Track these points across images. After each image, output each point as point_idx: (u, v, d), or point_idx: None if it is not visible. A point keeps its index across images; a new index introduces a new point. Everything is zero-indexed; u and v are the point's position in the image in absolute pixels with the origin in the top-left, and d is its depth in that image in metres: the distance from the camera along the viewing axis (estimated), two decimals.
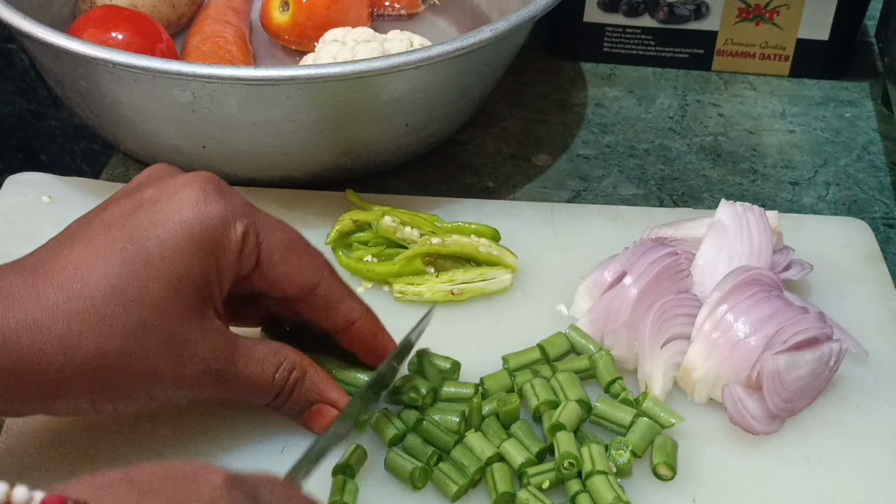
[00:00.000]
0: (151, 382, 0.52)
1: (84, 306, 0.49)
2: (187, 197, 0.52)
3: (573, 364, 0.61)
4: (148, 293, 0.50)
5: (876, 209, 0.79)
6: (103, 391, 0.51)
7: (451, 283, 0.67)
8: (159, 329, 0.51)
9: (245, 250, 0.53)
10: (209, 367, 0.53)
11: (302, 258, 0.55)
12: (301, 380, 0.56)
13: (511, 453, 0.56)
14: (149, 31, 0.81)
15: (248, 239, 0.53)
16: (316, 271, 0.55)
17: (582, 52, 0.93)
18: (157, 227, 0.51)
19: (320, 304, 0.56)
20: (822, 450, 0.59)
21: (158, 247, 0.51)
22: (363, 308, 0.57)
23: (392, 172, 0.78)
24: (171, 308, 0.51)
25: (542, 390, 0.59)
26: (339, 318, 0.57)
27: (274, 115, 0.68)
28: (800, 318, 0.60)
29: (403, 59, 0.67)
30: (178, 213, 0.51)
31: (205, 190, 0.52)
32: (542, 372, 0.60)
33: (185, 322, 0.51)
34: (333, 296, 0.56)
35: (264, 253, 0.54)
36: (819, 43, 0.90)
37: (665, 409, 0.59)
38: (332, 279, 0.56)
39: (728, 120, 0.87)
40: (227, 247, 0.52)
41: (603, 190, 0.80)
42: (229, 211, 0.52)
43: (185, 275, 0.51)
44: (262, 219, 0.54)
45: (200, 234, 0.51)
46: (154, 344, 0.51)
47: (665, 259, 0.63)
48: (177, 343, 0.51)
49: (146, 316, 0.50)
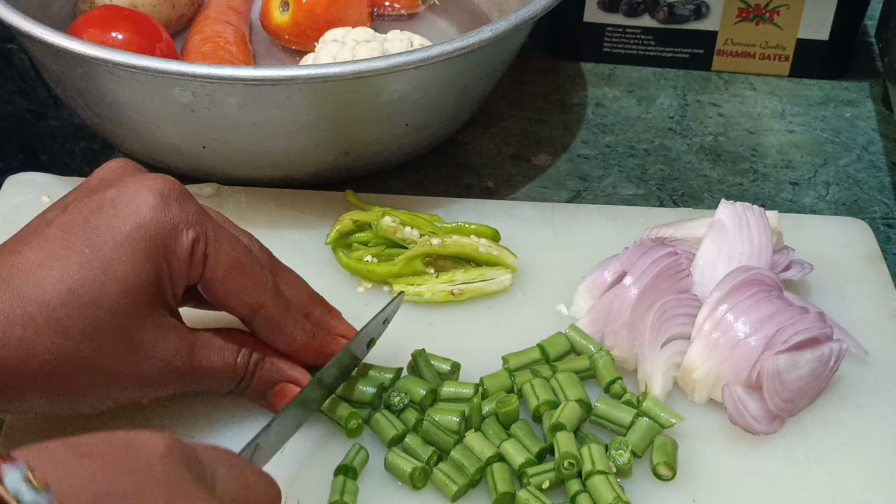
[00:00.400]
0: (110, 384, 0.52)
1: (39, 311, 0.50)
2: (145, 200, 0.52)
3: (573, 364, 0.61)
4: (104, 296, 0.51)
5: (876, 209, 0.79)
6: (60, 393, 0.51)
7: (452, 284, 0.67)
8: (116, 331, 0.51)
9: (193, 259, 0.53)
10: (170, 364, 0.53)
11: (246, 279, 0.55)
12: (261, 361, 0.56)
13: (511, 453, 0.56)
14: (149, 31, 0.81)
15: (197, 247, 0.53)
16: (258, 295, 0.55)
17: (582, 52, 0.93)
18: (114, 231, 0.51)
19: (263, 327, 0.56)
20: (822, 450, 0.59)
21: (115, 250, 0.51)
22: (307, 334, 0.57)
23: (392, 172, 0.78)
24: (127, 310, 0.51)
25: (541, 390, 0.59)
26: (284, 341, 0.57)
27: (274, 115, 0.68)
28: (800, 318, 0.60)
29: (403, 59, 0.67)
30: (136, 216, 0.52)
31: (162, 194, 0.53)
32: (542, 372, 0.60)
33: (142, 323, 0.52)
34: (274, 322, 0.56)
35: (209, 267, 0.54)
36: (819, 43, 0.90)
37: (665, 409, 0.59)
38: (274, 305, 0.56)
39: (728, 120, 0.87)
40: (178, 252, 0.53)
41: (603, 190, 0.80)
42: (183, 217, 0.53)
43: (141, 278, 0.51)
44: (215, 232, 0.54)
45: (155, 237, 0.52)
46: (111, 346, 0.51)
47: (665, 259, 0.63)
48: (134, 344, 0.52)
49: (103, 319, 0.51)
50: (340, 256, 0.68)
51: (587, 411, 0.58)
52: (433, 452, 0.56)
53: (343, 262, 0.68)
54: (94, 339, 0.50)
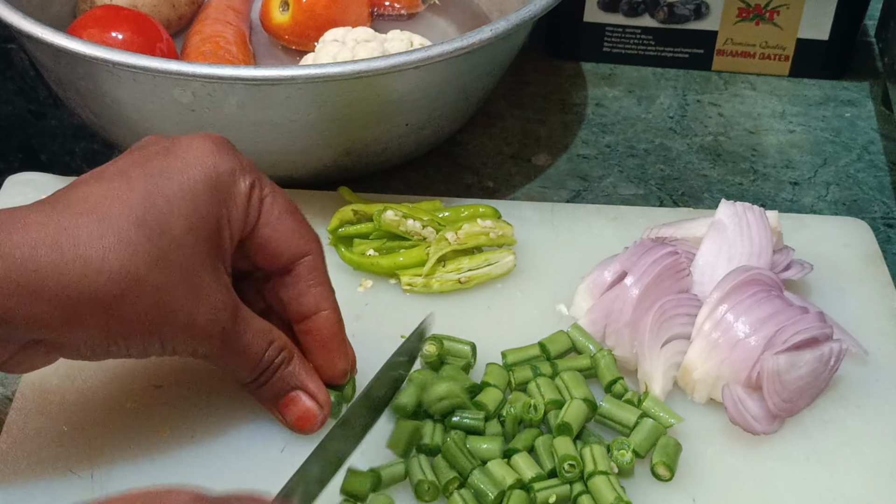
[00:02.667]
0: (166, 322, 0.51)
1: (108, 231, 0.49)
2: (200, 147, 0.53)
3: (575, 363, 0.61)
4: (170, 228, 0.51)
5: (876, 209, 0.79)
6: (119, 325, 0.50)
7: (458, 272, 0.67)
8: (179, 265, 0.51)
9: (251, 201, 0.54)
10: (218, 317, 0.53)
11: (299, 224, 0.56)
12: (287, 362, 0.56)
13: (521, 467, 0.56)
14: (149, 31, 0.81)
15: (255, 192, 0.54)
16: (309, 241, 0.56)
17: (582, 52, 0.93)
18: (174, 172, 0.52)
19: (301, 277, 0.56)
20: (822, 450, 0.59)
21: (178, 187, 0.52)
22: (334, 302, 0.57)
23: (392, 172, 0.78)
24: (190, 246, 0.51)
25: (547, 390, 0.59)
26: (311, 300, 0.57)
27: (274, 115, 0.68)
28: (800, 318, 0.60)
29: (403, 59, 0.67)
30: (194, 160, 0.53)
31: (216, 143, 0.54)
32: (542, 369, 0.60)
33: (202, 264, 0.52)
34: (315, 273, 0.56)
35: (265, 209, 0.55)
36: (819, 43, 0.90)
37: (665, 409, 0.59)
38: (320, 257, 0.57)
39: (728, 120, 0.87)
40: (236, 196, 0.53)
41: (603, 190, 0.80)
42: (238, 163, 0.54)
43: (203, 215, 0.52)
44: (267, 179, 0.56)
45: (215, 179, 0.53)
46: (174, 278, 0.51)
47: (666, 259, 0.63)
48: (194, 283, 0.52)
49: (168, 249, 0.50)
50: (342, 252, 0.68)
51: (592, 410, 0.58)
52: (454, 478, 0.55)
53: (346, 258, 0.68)
54: (160, 266, 0.50)
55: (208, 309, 0.52)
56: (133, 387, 0.60)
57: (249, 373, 0.56)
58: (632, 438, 0.57)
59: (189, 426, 0.58)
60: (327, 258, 0.68)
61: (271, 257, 0.56)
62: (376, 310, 0.65)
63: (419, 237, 0.68)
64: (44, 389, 0.60)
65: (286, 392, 0.56)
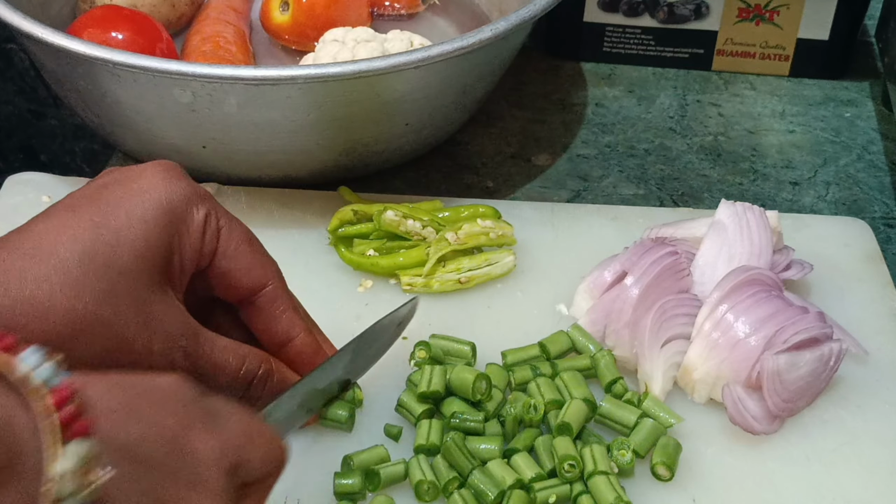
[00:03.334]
0: (122, 354, 0.51)
1: (54, 270, 0.49)
2: (152, 176, 0.52)
3: (574, 363, 0.61)
4: (117, 259, 0.50)
5: (876, 209, 0.79)
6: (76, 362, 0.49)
7: (458, 272, 0.67)
8: (129, 296, 0.50)
9: (207, 232, 0.53)
10: (176, 342, 0.52)
11: (256, 255, 0.55)
12: (270, 373, 0.55)
13: (521, 467, 0.56)
14: (149, 31, 0.81)
15: (210, 221, 0.53)
16: (267, 272, 0.55)
17: (582, 52, 0.93)
18: (123, 201, 0.51)
19: (265, 309, 0.56)
20: (822, 450, 0.59)
21: (126, 217, 0.51)
22: (304, 325, 0.57)
23: (392, 172, 0.78)
24: (139, 275, 0.50)
25: (547, 390, 0.59)
26: (280, 330, 0.56)
27: (274, 115, 0.68)
28: (800, 318, 0.60)
29: (403, 59, 0.67)
30: (145, 189, 0.52)
31: (169, 171, 0.53)
32: (542, 369, 0.60)
33: (153, 292, 0.51)
34: (278, 303, 0.56)
35: (223, 240, 0.54)
36: (819, 43, 0.90)
37: (665, 409, 0.59)
38: (280, 286, 0.56)
39: (728, 120, 0.87)
40: (190, 224, 0.52)
41: (603, 190, 0.80)
42: (192, 191, 0.53)
43: (153, 244, 0.51)
44: (223, 209, 0.55)
45: (166, 207, 0.52)
46: (124, 310, 0.50)
47: (666, 258, 0.63)
48: (145, 312, 0.51)
49: (116, 282, 0.50)
50: (343, 252, 0.68)
51: (592, 410, 0.58)
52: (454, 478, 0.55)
53: (346, 258, 0.68)
54: (108, 301, 0.49)
55: (163, 337, 0.51)
56: None
57: (233, 391, 0.55)
58: (632, 438, 0.57)
59: None
60: (327, 258, 0.69)
61: (231, 289, 0.55)
62: (376, 310, 0.65)
63: (419, 237, 0.68)
64: None
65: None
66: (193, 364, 0.53)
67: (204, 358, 0.53)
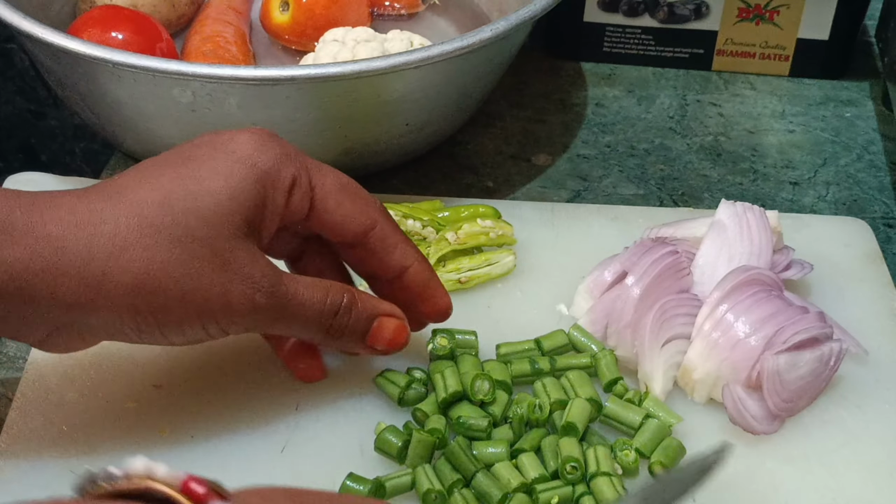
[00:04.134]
0: (199, 304, 0.51)
1: (132, 212, 0.50)
2: (243, 138, 0.54)
3: (575, 361, 0.61)
4: (198, 207, 0.51)
5: (876, 209, 0.79)
6: (148, 310, 0.51)
7: (458, 272, 0.67)
8: (208, 243, 0.51)
9: (295, 193, 0.54)
10: (256, 286, 0.52)
11: (356, 201, 0.56)
12: (354, 300, 0.56)
13: (526, 467, 0.56)
14: (149, 31, 0.81)
15: (300, 182, 0.54)
16: (371, 214, 0.56)
17: (582, 52, 0.93)
18: (211, 159, 0.53)
19: (376, 248, 0.57)
20: (822, 450, 0.59)
21: (211, 170, 0.52)
22: (417, 254, 0.58)
23: (392, 172, 0.78)
24: (220, 224, 0.51)
25: (553, 389, 0.59)
26: (394, 263, 0.57)
27: (274, 115, 0.68)
28: (800, 318, 0.60)
29: (403, 59, 0.67)
30: (234, 150, 0.53)
31: (261, 135, 0.54)
32: (541, 364, 0.60)
33: (232, 241, 0.52)
34: (388, 239, 0.57)
35: (318, 197, 0.55)
36: (819, 43, 0.90)
37: (665, 409, 0.59)
38: (386, 223, 0.57)
39: (728, 120, 0.87)
40: (277, 186, 0.53)
41: (603, 190, 0.80)
42: (282, 154, 0.54)
43: (236, 196, 0.52)
44: (315, 165, 0.56)
45: (254, 166, 0.53)
46: (202, 256, 0.51)
47: (666, 258, 0.63)
48: (224, 259, 0.51)
49: (195, 228, 0.51)
50: None
51: (597, 410, 0.58)
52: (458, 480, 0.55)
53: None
54: (184, 246, 0.50)
55: (243, 283, 0.52)
56: (133, 387, 0.60)
57: (319, 326, 0.55)
58: (636, 439, 0.57)
59: (189, 426, 0.58)
60: None
61: (339, 236, 0.57)
62: None
63: (419, 237, 0.68)
64: (44, 389, 0.60)
65: (369, 326, 0.57)
66: (276, 304, 0.53)
67: (287, 297, 0.54)
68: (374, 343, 0.57)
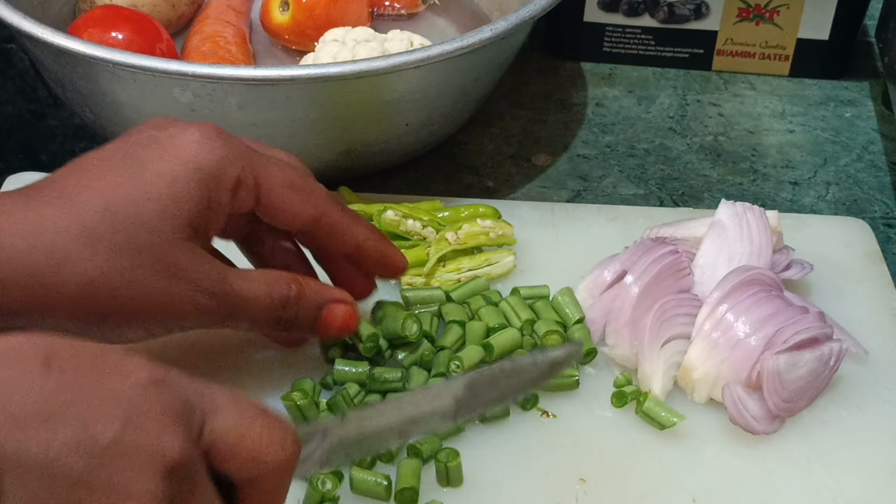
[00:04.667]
0: (143, 308, 0.51)
1: (74, 221, 0.49)
2: (187, 137, 0.53)
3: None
4: (140, 214, 0.51)
5: (876, 209, 0.79)
6: (93, 316, 0.51)
7: (458, 272, 0.67)
8: (150, 250, 0.51)
9: (240, 192, 0.54)
10: (200, 289, 0.52)
11: (302, 195, 0.56)
12: (302, 290, 0.56)
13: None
14: (149, 31, 0.81)
15: (245, 181, 0.54)
16: (317, 205, 0.56)
17: (582, 52, 0.93)
18: (155, 160, 0.52)
19: (326, 233, 0.57)
20: (822, 450, 0.59)
21: (154, 174, 0.51)
22: (368, 230, 0.59)
23: (392, 172, 0.78)
24: (163, 230, 0.51)
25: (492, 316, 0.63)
26: (345, 244, 0.58)
27: (274, 115, 0.68)
28: (800, 318, 0.60)
29: (403, 59, 0.67)
30: (177, 149, 0.52)
31: (205, 133, 0.54)
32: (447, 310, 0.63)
33: (177, 246, 0.51)
34: (338, 225, 0.57)
35: (263, 193, 0.55)
36: (819, 43, 0.90)
37: (665, 409, 0.59)
38: (334, 210, 0.57)
39: (728, 120, 0.87)
40: (220, 186, 0.53)
41: (603, 190, 0.80)
42: (227, 153, 0.53)
43: (179, 201, 0.51)
44: (262, 161, 0.55)
45: (196, 169, 0.52)
46: (144, 264, 0.51)
47: (666, 257, 0.63)
48: (168, 263, 0.51)
49: (137, 236, 0.50)
50: None
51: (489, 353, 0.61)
52: None
53: None
54: (127, 255, 0.50)
55: (187, 287, 0.52)
56: None
57: (267, 320, 0.55)
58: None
59: None
60: None
61: (287, 226, 0.57)
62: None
63: (419, 237, 0.68)
64: None
65: (319, 314, 0.57)
66: (221, 303, 0.53)
67: (232, 295, 0.54)
68: (325, 331, 0.57)
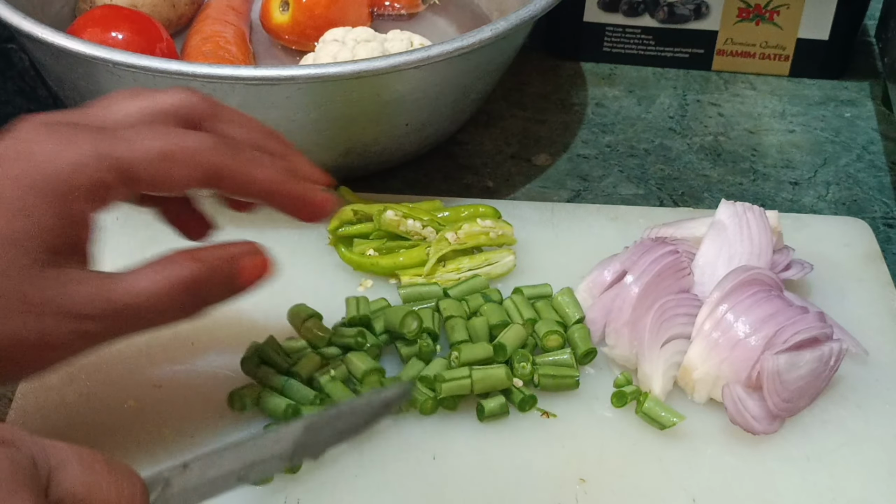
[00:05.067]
0: (20, 356, 0.48)
1: None
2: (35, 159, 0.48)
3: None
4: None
5: (876, 209, 0.79)
6: None
7: (458, 272, 0.67)
8: (13, 296, 0.47)
9: (107, 194, 0.49)
10: (75, 313, 0.48)
11: (179, 161, 0.50)
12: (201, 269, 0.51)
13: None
14: (149, 31, 0.81)
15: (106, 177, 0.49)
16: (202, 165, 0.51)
17: (582, 52, 0.93)
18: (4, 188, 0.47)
19: (226, 187, 0.52)
20: (822, 450, 0.59)
21: (8, 212, 0.47)
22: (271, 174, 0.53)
23: (392, 172, 0.78)
24: (23, 270, 0.47)
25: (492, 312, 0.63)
26: (252, 193, 0.53)
27: (274, 115, 0.68)
28: (800, 318, 0.60)
29: (403, 59, 0.67)
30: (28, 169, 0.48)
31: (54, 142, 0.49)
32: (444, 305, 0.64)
33: (38, 278, 0.47)
34: (235, 177, 0.52)
35: (134, 177, 0.50)
36: (819, 43, 0.90)
37: (665, 409, 0.59)
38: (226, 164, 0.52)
39: (728, 120, 0.87)
40: (78, 197, 0.48)
41: (603, 190, 0.80)
42: (78, 156, 0.49)
43: (37, 235, 0.47)
44: (126, 146, 0.50)
45: (47, 195, 0.48)
46: (8, 312, 0.47)
47: (666, 257, 0.63)
48: (31, 302, 0.47)
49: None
50: (342, 252, 0.68)
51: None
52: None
53: (346, 258, 0.68)
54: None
55: (62, 318, 0.48)
56: (133, 387, 0.60)
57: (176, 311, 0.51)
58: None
59: (192, 428, 0.58)
60: (327, 258, 0.69)
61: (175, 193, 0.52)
62: None
63: (419, 237, 0.68)
64: (44, 389, 0.60)
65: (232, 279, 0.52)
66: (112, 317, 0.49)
67: (118, 305, 0.49)
68: (244, 283, 0.53)
